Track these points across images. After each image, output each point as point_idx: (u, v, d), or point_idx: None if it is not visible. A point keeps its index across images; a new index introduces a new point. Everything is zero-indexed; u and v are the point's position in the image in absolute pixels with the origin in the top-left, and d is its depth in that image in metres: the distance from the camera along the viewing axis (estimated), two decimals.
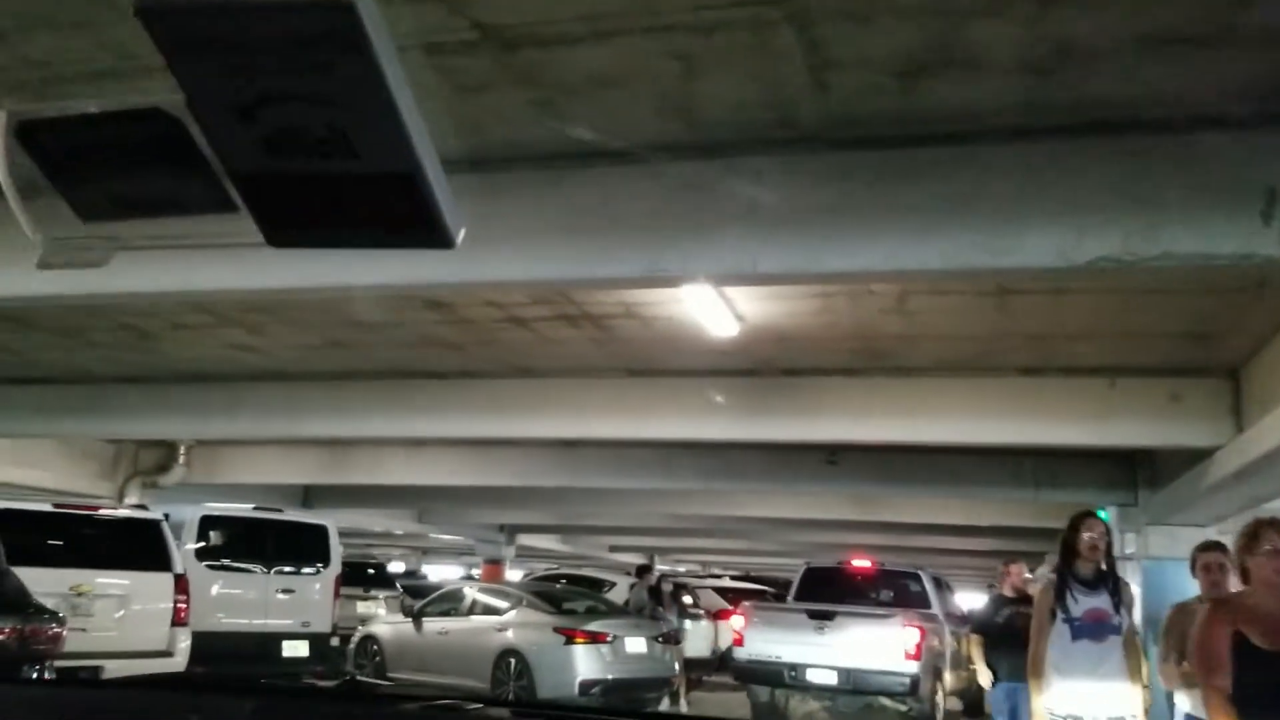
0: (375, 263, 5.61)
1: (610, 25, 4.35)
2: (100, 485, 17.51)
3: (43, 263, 1.46)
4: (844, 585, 14.90)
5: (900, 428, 10.69)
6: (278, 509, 13.75)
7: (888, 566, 15.87)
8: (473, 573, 29.75)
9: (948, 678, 13.29)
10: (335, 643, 13.73)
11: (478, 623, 14.40)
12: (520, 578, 26.94)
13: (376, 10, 0.98)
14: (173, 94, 1.08)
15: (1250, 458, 8.89)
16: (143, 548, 10.67)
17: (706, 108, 5.10)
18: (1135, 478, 13.47)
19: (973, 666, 10.27)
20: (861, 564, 15.71)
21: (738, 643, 13.62)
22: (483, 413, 11.85)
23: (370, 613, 19.43)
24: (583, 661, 12.94)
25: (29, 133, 1.24)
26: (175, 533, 11.98)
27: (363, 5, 0.96)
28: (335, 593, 13.73)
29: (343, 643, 14.42)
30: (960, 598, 18.31)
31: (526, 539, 30.12)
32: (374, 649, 15.56)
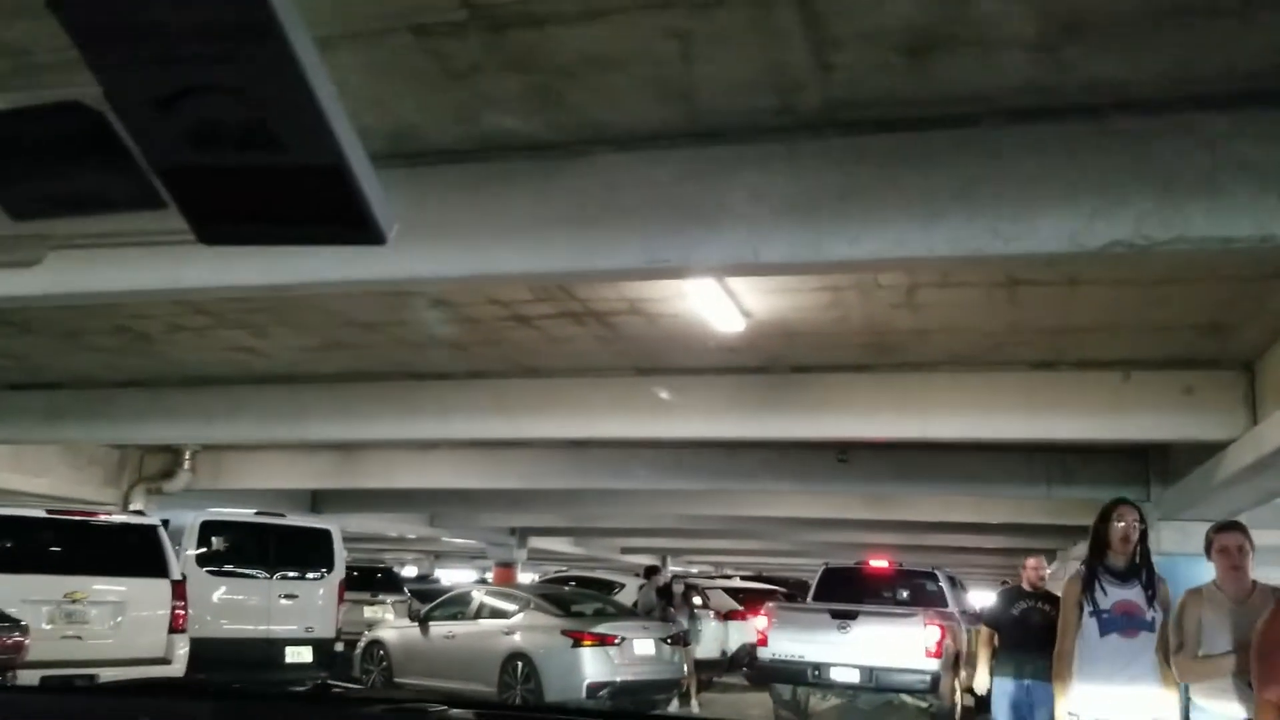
0: (373, 259, 5.46)
1: (604, 3, 4.21)
2: (105, 492, 17.45)
3: None
4: (862, 585, 15.01)
5: (911, 424, 10.55)
6: (280, 514, 13.62)
7: (905, 566, 15.99)
8: (486, 576, 29.60)
9: (964, 675, 13.22)
10: (339, 648, 13.59)
11: (485, 626, 14.26)
12: (534, 580, 26.81)
13: None
14: (90, 87, 1.05)
15: (1265, 450, 8.74)
16: (139, 554, 10.52)
17: (707, 91, 4.95)
18: (1148, 473, 13.34)
19: (972, 666, 9.97)
20: (879, 564, 15.81)
21: (761, 643, 13.76)
22: (490, 414, 11.73)
23: (377, 617, 19.28)
24: (590, 664, 12.80)
25: None
26: (176, 538, 11.86)
27: None
28: (339, 598, 13.59)
29: (347, 648, 14.28)
30: (972, 596, 18.16)
31: (538, 541, 30.03)
32: (380, 654, 15.45)
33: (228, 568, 12.77)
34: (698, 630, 16.14)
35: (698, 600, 18.74)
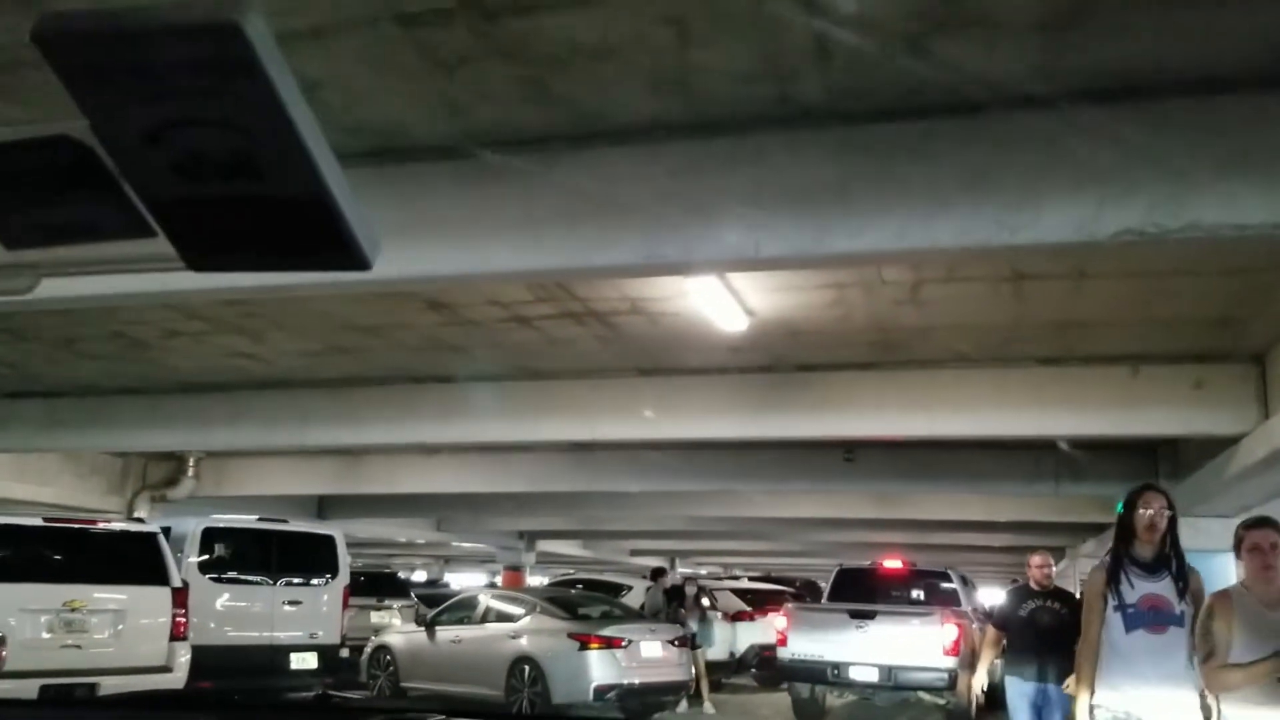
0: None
1: None
2: (109, 500, 17.38)
3: None
4: (877, 585, 15.16)
5: (918, 422, 10.43)
6: (283, 519, 13.50)
7: (918, 566, 16.12)
8: (496, 580, 29.51)
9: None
10: (345, 654, 13.46)
11: (491, 630, 14.15)
12: (542, 583, 26.70)
13: (267, 32, 0.96)
14: (79, 120, 1.06)
15: (1278, 444, 8.62)
16: (139, 561, 10.39)
17: (704, 81, 4.83)
18: (1157, 469, 13.21)
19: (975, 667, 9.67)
20: (893, 564, 15.92)
21: (781, 642, 13.90)
22: (492, 416, 11.64)
23: (384, 622, 19.17)
24: (597, 667, 12.68)
25: None
26: (178, 546, 11.76)
27: (251, 28, 0.95)
28: (344, 603, 13.48)
29: (353, 654, 14.16)
30: (980, 594, 18.04)
31: (546, 545, 29.97)
32: (387, 659, 15.34)
33: (231, 574, 12.66)
34: (710, 632, 15.97)
35: (706, 601, 18.53)
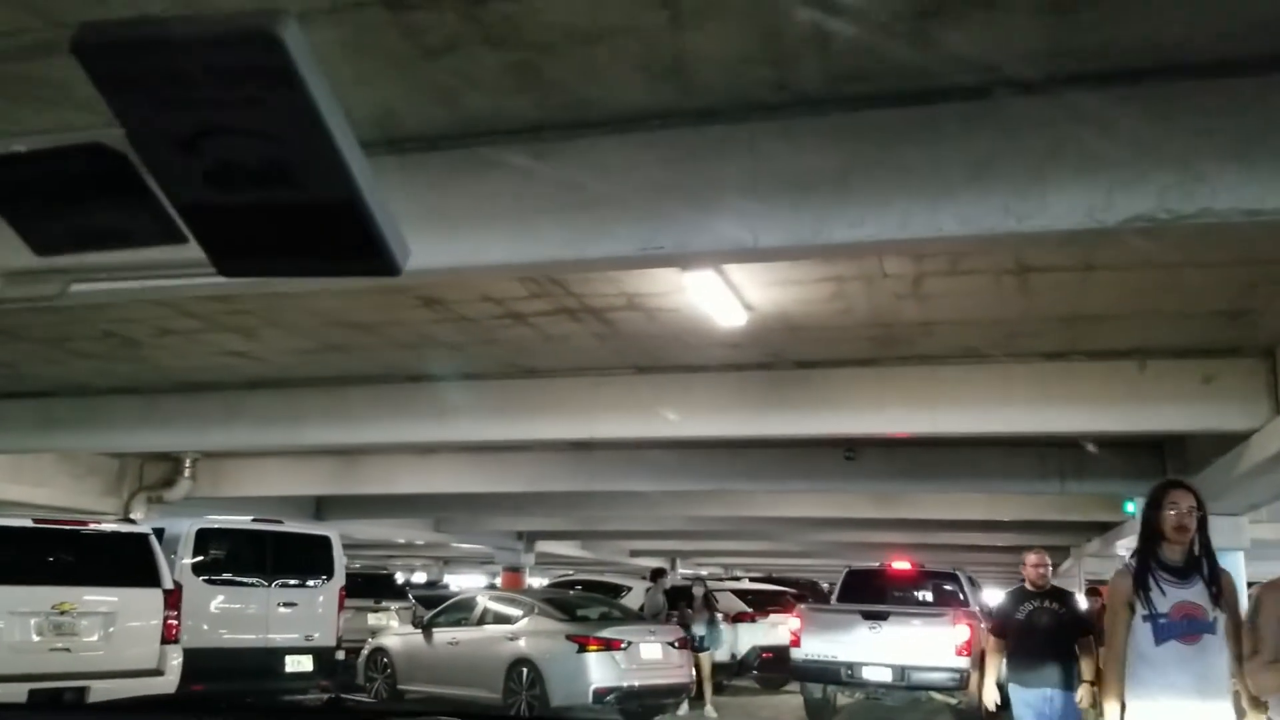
0: None
1: None
2: (105, 502, 17.27)
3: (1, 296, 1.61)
4: (885, 586, 15.22)
5: (920, 419, 10.27)
6: (278, 520, 13.33)
7: (926, 567, 16.16)
8: (495, 582, 29.36)
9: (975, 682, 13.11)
10: (341, 656, 13.30)
11: (489, 632, 13.98)
12: (542, 584, 26.54)
13: (305, 42, 0.98)
14: (113, 128, 1.08)
15: None
16: (130, 563, 10.21)
17: (698, 65, 4.67)
18: (1165, 467, 13.06)
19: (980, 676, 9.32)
20: (901, 565, 15.94)
21: (794, 643, 13.88)
22: (488, 415, 11.50)
23: (382, 624, 19.01)
24: (596, 669, 12.51)
25: None
26: (171, 547, 11.60)
27: (290, 37, 0.97)
28: (340, 605, 13.31)
29: (349, 656, 14.00)
30: (984, 595, 17.91)
31: (546, 545, 29.84)
32: (384, 661, 15.19)
33: (225, 576, 12.48)
34: (717, 635, 15.77)
35: (710, 602, 18.31)
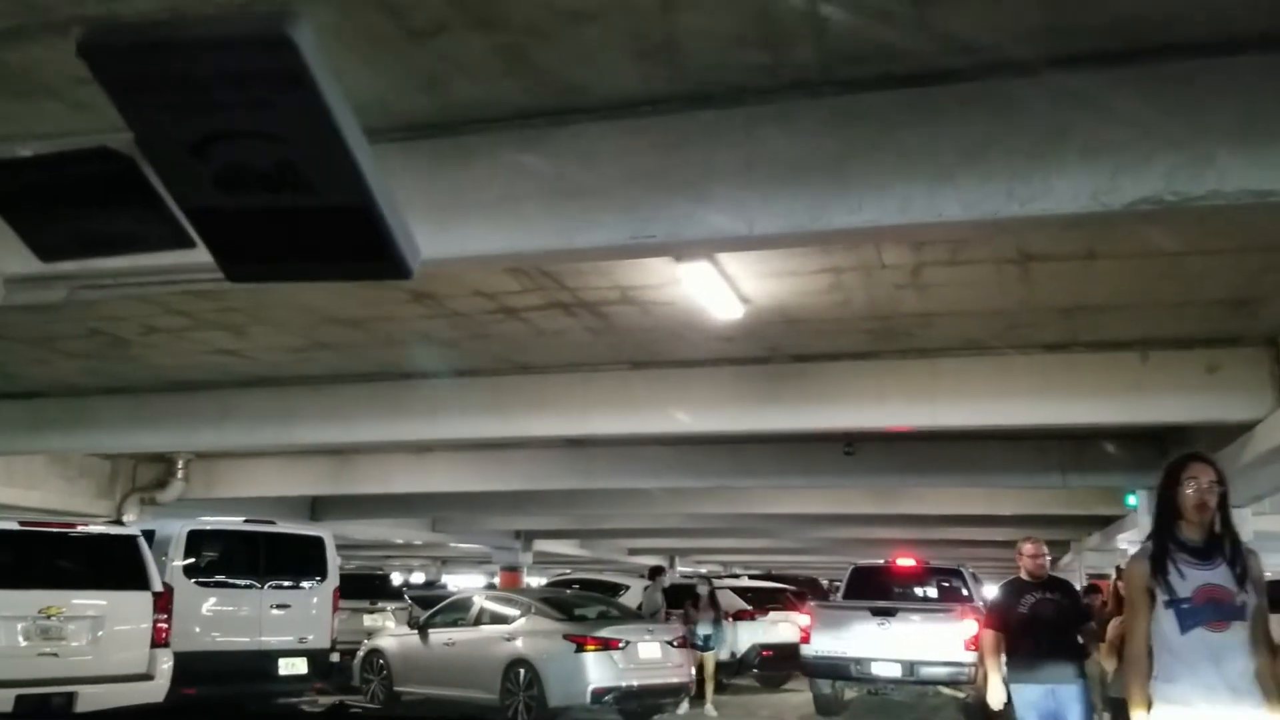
0: None
1: None
2: (98, 504, 17.13)
3: (3, 302, 1.85)
4: (890, 583, 15.38)
5: (920, 412, 10.15)
6: (270, 521, 13.16)
7: (931, 564, 16.37)
8: (494, 581, 29.21)
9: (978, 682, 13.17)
10: (335, 658, 13.13)
11: (486, 632, 13.82)
12: (540, 584, 26.40)
13: (317, 44, 0.97)
14: (121, 132, 1.08)
15: None
16: (118, 566, 10.05)
17: (690, 47, 4.54)
18: (1166, 458, 12.90)
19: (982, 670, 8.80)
20: (906, 562, 16.09)
21: (804, 640, 14.06)
22: (482, 413, 11.37)
23: (377, 625, 18.86)
24: (594, 669, 12.36)
25: None
26: (162, 549, 11.45)
27: (303, 40, 0.96)
28: (334, 606, 13.15)
29: (343, 658, 13.83)
30: (984, 590, 17.82)
31: (544, 544, 29.70)
32: (380, 663, 15.02)
33: (217, 578, 12.30)
34: (721, 634, 15.61)
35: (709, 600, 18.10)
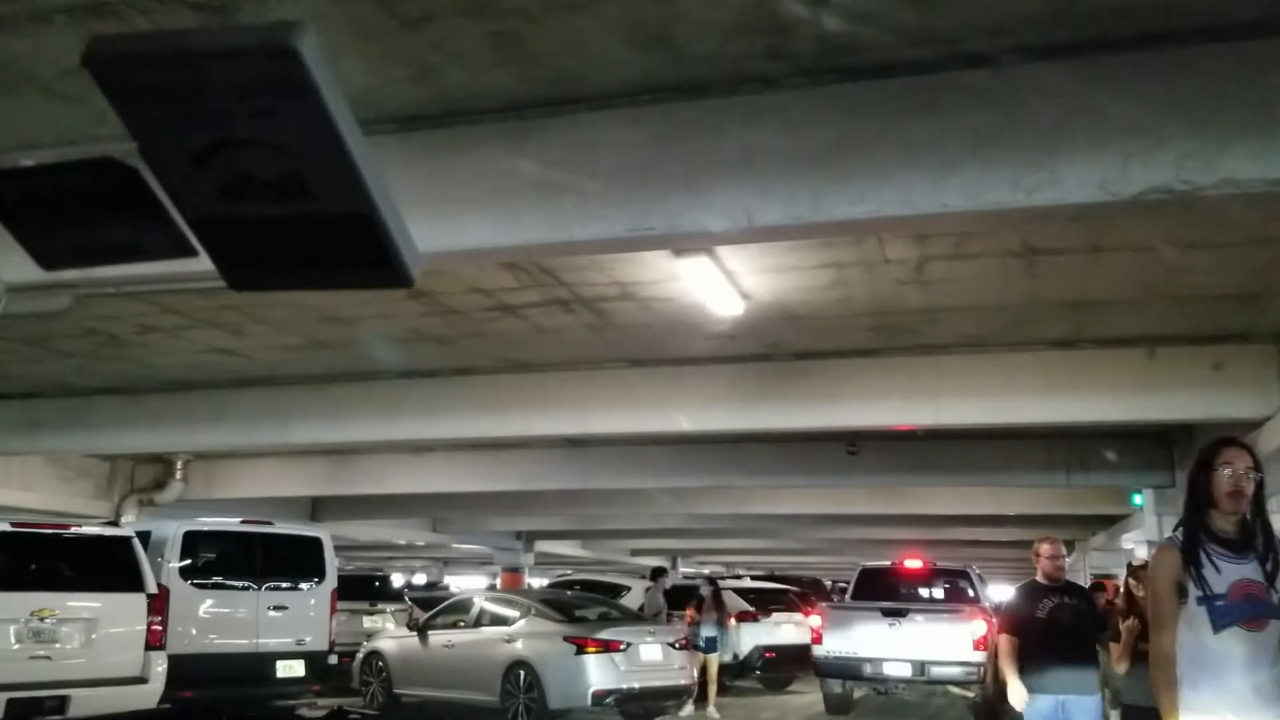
0: None
1: None
2: (96, 505, 17.03)
3: (6, 311, 2.00)
4: (898, 583, 15.50)
5: (923, 411, 10.04)
6: (267, 521, 13.04)
7: (938, 565, 16.49)
8: (495, 582, 29.11)
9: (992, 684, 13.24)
10: (334, 660, 13.00)
11: (486, 634, 13.70)
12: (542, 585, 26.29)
13: (322, 55, 0.98)
14: (124, 142, 1.08)
15: None
16: (112, 567, 9.92)
17: (687, 35, 4.43)
18: (1172, 457, 12.87)
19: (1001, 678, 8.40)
20: (914, 563, 16.19)
21: (816, 640, 14.24)
22: (480, 411, 11.27)
23: (377, 627, 18.73)
24: (595, 671, 12.24)
25: None
26: (158, 550, 11.32)
27: (307, 50, 0.97)
28: (332, 608, 13.02)
29: (342, 660, 13.70)
30: (988, 591, 17.74)
31: (545, 545, 29.62)
32: (379, 665, 14.89)
33: (214, 579, 12.17)
34: (725, 636, 15.46)
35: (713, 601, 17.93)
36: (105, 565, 9.98)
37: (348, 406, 11.64)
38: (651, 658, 12.79)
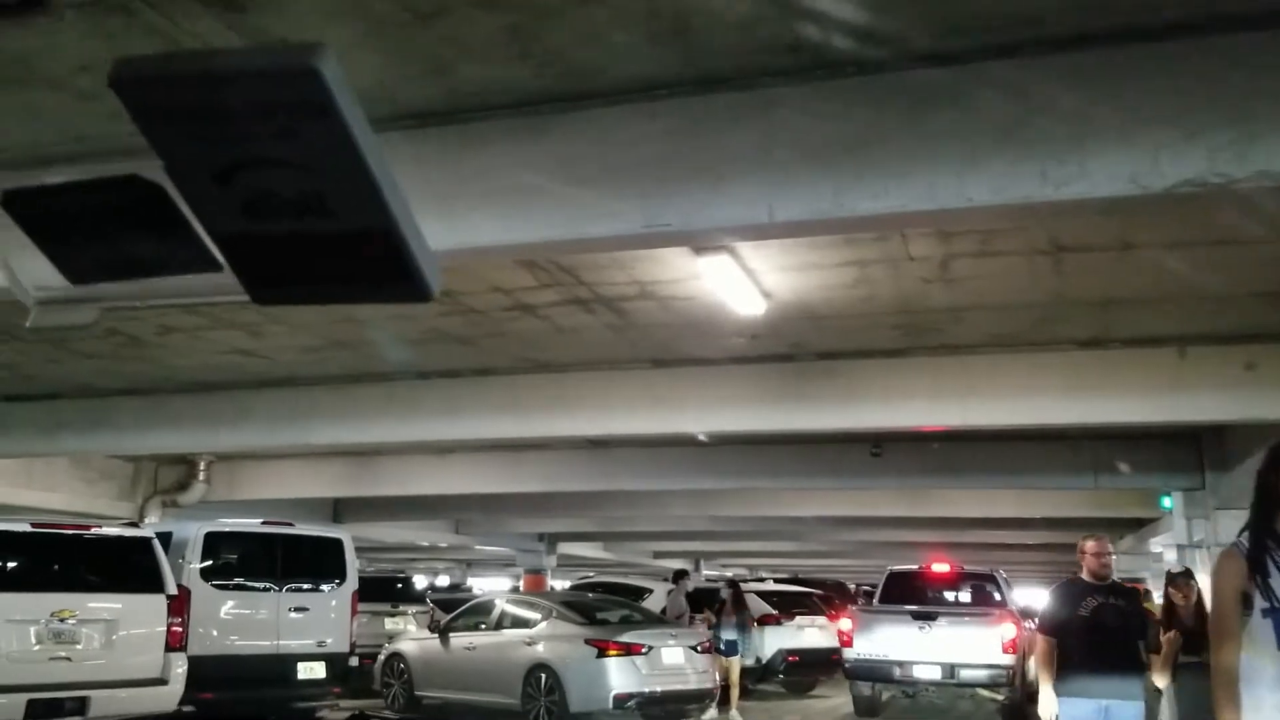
0: None
1: None
2: (119, 506, 17.07)
3: (34, 324, 1.68)
4: (925, 587, 15.64)
5: (949, 412, 9.90)
6: (288, 523, 13.00)
7: (965, 568, 16.51)
8: (519, 584, 29.08)
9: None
10: (355, 662, 12.95)
11: (507, 636, 13.66)
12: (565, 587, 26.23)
13: (342, 75, 1.00)
14: (150, 160, 1.10)
15: None
16: (132, 568, 9.91)
17: (704, 26, 4.33)
18: (1202, 459, 12.71)
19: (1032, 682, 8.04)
20: (941, 567, 16.26)
21: (846, 643, 14.32)
22: (501, 412, 11.19)
23: (399, 629, 18.70)
24: (616, 674, 12.17)
25: (13, 201, 1.29)
26: (179, 551, 11.30)
27: (328, 71, 0.98)
28: (353, 609, 12.97)
29: (363, 662, 13.66)
30: (1015, 594, 17.62)
31: (568, 547, 29.59)
32: (400, 667, 14.88)
33: (235, 581, 12.16)
34: (747, 639, 15.31)
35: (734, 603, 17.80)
36: (125, 566, 9.98)
37: (368, 407, 11.58)
38: (673, 661, 12.72)
